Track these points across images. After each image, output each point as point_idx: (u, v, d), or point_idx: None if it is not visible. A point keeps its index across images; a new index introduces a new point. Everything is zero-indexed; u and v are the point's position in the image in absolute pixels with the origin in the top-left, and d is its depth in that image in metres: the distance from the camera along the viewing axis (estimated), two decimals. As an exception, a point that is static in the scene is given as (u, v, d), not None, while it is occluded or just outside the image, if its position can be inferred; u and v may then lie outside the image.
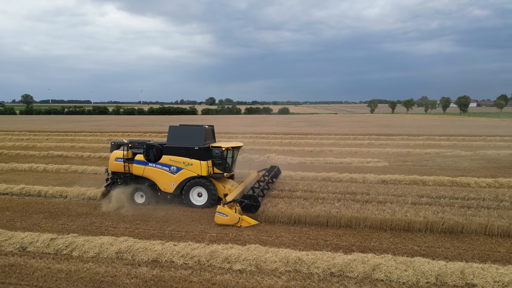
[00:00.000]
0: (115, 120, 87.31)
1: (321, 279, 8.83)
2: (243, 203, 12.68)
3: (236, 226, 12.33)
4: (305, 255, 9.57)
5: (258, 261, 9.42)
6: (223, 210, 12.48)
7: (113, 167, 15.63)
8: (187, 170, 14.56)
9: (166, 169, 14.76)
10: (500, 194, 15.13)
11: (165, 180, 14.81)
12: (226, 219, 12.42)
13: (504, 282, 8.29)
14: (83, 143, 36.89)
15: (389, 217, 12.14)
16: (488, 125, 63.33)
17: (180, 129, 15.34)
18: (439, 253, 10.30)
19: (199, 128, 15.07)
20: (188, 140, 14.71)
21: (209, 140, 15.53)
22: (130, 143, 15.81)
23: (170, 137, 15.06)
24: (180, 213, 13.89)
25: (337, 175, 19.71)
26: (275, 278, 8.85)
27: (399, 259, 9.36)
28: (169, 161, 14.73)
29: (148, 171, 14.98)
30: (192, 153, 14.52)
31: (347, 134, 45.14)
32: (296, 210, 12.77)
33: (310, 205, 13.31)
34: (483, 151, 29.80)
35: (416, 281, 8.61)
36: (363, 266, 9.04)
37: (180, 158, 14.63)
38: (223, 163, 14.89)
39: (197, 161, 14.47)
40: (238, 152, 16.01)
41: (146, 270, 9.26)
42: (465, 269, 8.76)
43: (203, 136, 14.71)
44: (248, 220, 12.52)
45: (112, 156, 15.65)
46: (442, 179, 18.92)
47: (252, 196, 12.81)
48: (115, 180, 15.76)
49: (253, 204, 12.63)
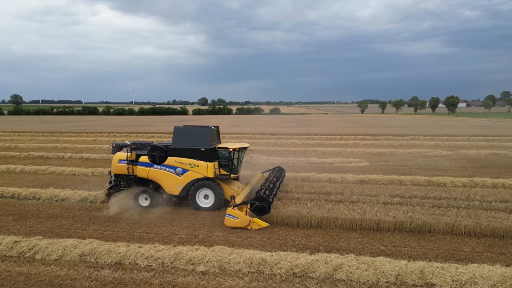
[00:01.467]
0: (103, 120, 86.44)
1: (283, 279, 8.83)
2: (254, 205, 12.34)
3: (247, 228, 12.04)
4: (269, 256, 9.57)
5: (222, 263, 9.39)
6: (233, 213, 12.14)
7: (116, 169, 15.20)
8: (193, 171, 14.22)
9: (171, 171, 14.40)
10: (472, 193, 15.31)
11: (171, 182, 14.45)
12: (236, 221, 12.10)
13: (462, 281, 8.38)
14: (67, 144, 36.46)
15: (359, 217, 12.20)
16: (473, 125, 64.22)
17: (185, 130, 15.01)
18: (404, 252, 10.38)
19: (205, 129, 14.74)
20: (194, 141, 14.41)
21: (215, 141, 15.23)
22: (132, 145, 15.37)
23: (175, 138, 14.68)
24: (152, 215, 13.76)
25: (316, 175, 19.76)
26: (237, 279, 8.83)
27: (362, 259, 9.41)
28: (174, 163, 14.37)
29: (153, 173, 14.61)
30: (198, 154, 14.21)
31: (334, 134, 45.36)
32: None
33: (283, 206, 13.32)
34: (464, 151, 30.18)
35: (376, 280, 8.67)
36: (325, 266, 9.07)
37: (186, 160, 14.29)
38: (229, 164, 14.52)
39: (203, 163, 14.15)
40: (244, 153, 15.71)
41: (108, 273, 9.16)
42: (425, 269, 8.84)
43: (209, 137, 14.41)
44: (259, 223, 12.20)
45: (115, 158, 15.22)
46: (419, 178, 19.10)
47: (263, 198, 12.48)
48: (118, 183, 15.36)
49: (264, 206, 12.28)
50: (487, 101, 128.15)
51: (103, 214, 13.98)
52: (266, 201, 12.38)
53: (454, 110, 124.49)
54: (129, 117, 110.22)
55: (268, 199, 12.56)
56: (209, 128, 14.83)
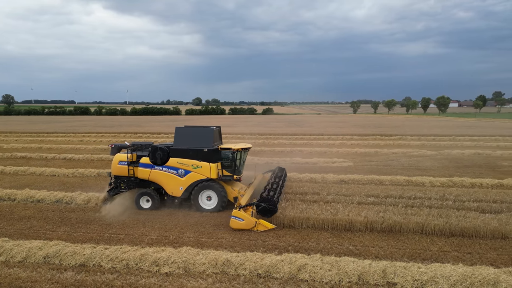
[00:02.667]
0: (93, 120, 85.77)
1: (246, 280, 8.80)
2: (260, 206, 12.18)
3: (253, 230, 11.89)
4: (234, 257, 9.53)
5: (187, 264, 9.33)
6: (239, 214, 11.96)
7: (116, 170, 14.92)
8: (196, 173, 14.00)
9: (173, 172, 14.17)
10: (447, 193, 15.41)
11: (173, 183, 14.21)
12: (242, 223, 11.92)
13: (423, 281, 8.43)
14: (52, 144, 36.11)
15: (331, 217, 12.22)
16: (462, 125, 64.85)
17: (187, 131, 14.80)
18: (371, 252, 10.42)
19: (207, 129, 14.57)
20: (196, 142, 14.19)
21: (217, 141, 15.07)
22: (132, 146, 15.16)
23: (177, 139, 14.47)
24: (126, 216, 13.65)
25: (297, 175, 19.79)
26: (201, 281, 8.79)
27: (327, 259, 9.42)
28: (176, 164, 14.15)
29: (154, 175, 14.35)
30: (201, 155, 14.00)
31: (322, 134, 45.50)
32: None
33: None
34: (448, 150, 30.45)
35: (339, 280, 8.68)
36: (289, 267, 9.06)
37: (188, 161, 14.06)
38: (232, 165, 14.32)
39: (206, 164, 13.94)
40: (247, 154, 15.54)
41: (71, 275, 9.05)
42: (387, 268, 8.87)
43: (211, 137, 14.25)
44: (265, 224, 12.02)
45: (115, 159, 14.96)
46: (399, 178, 19.21)
47: (269, 199, 12.28)
48: (118, 185, 15.09)
49: (270, 207, 12.10)
50: (477, 101, 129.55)
51: (75, 215, 13.84)
52: (272, 202, 12.20)
53: (445, 110, 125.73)
54: (120, 117, 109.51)
55: (274, 200, 12.37)
56: (211, 128, 14.63)
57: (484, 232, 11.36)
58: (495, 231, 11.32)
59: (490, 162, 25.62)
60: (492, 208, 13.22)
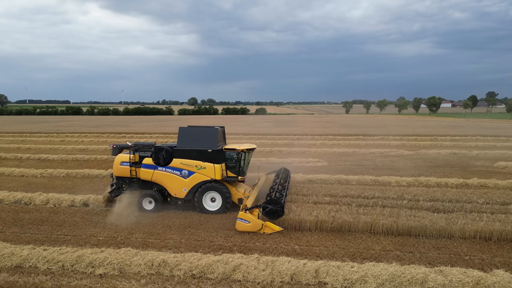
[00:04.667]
0: (82, 120, 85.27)
1: (180, 281, 8.77)
2: (267, 208, 11.94)
3: (259, 233, 11.67)
4: (172, 257, 9.50)
5: (123, 265, 9.28)
6: (245, 217, 11.76)
7: (118, 171, 14.64)
8: (200, 174, 13.78)
9: (177, 173, 13.95)
10: (406, 192, 15.45)
11: (176, 184, 13.99)
12: (249, 225, 11.71)
13: (353, 280, 8.45)
14: (32, 144, 35.80)
15: (282, 216, 12.21)
16: (448, 125, 65.29)
17: (191, 131, 14.63)
18: (314, 251, 10.42)
19: (211, 130, 14.34)
20: (200, 142, 14.00)
21: (221, 142, 14.87)
22: (134, 146, 14.90)
23: (180, 139, 14.24)
24: (80, 217, 13.56)
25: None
26: (134, 282, 8.74)
27: (263, 259, 9.41)
28: (180, 165, 13.93)
29: (157, 176, 14.14)
30: (205, 156, 13.79)
31: (306, 134, 45.55)
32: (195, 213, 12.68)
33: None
34: (426, 150, 30.64)
35: (271, 280, 8.68)
36: (224, 267, 9.04)
37: (192, 161, 13.84)
38: (237, 166, 14.09)
39: (210, 164, 13.73)
40: (251, 155, 15.28)
41: (4, 277, 8.96)
42: (321, 268, 8.88)
43: (216, 137, 14.03)
44: (271, 227, 11.79)
45: (117, 160, 14.70)
46: (366, 178, 19.27)
47: (275, 201, 12.05)
48: (120, 186, 14.79)
49: (277, 209, 11.86)
50: (467, 101, 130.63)
51: (29, 216, 13.71)
52: (279, 204, 11.97)
53: (436, 110, 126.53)
54: (111, 117, 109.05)
55: (281, 202, 12.12)
56: (215, 128, 14.41)
57: (431, 232, 11.42)
58: (441, 231, 11.38)
59: (463, 162, 25.80)
60: (445, 208, 13.28)
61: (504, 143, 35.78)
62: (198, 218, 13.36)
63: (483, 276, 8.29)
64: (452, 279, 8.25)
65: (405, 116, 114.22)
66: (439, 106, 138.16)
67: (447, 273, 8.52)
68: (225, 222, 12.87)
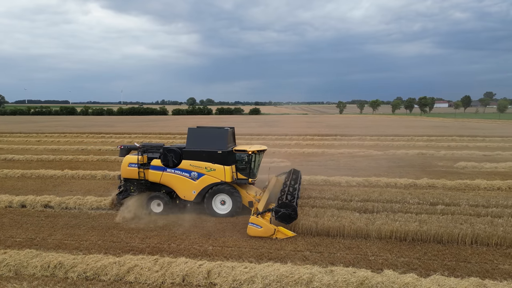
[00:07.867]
0: (71, 121, 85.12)
1: (72, 283, 8.73)
2: (280, 212, 11.45)
3: (271, 238, 11.27)
4: (71, 259, 9.45)
5: (19, 267, 9.24)
6: (257, 221, 11.37)
7: (126, 173, 14.27)
8: (210, 176, 13.46)
9: (186, 175, 13.59)
10: (342, 193, 15.39)
11: (185, 187, 13.65)
12: (260, 230, 11.30)
13: (241, 281, 8.44)
14: (5, 145, 35.66)
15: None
16: (432, 125, 65.29)
17: (200, 132, 14.37)
18: (224, 252, 10.37)
19: (221, 131, 14.07)
20: (210, 144, 13.64)
21: (231, 143, 14.59)
22: (143, 147, 14.62)
23: (189, 141, 13.93)
24: (9, 218, 13.48)
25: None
26: (26, 284, 8.67)
27: (161, 260, 9.38)
28: (189, 167, 13.57)
29: (166, 178, 13.79)
30: (215, 158, 13.45)
31: (286, 134, 45.51)
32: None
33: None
34: (394, 151, 30.61)
35: (162, 281, 8.65)
36: (118, 269, 9.01)
37: (202, 163, 13.50)
38: (247, 168, 13.77)
39: (220, 166, 13.40)
40: (262, 156, 14.85)
41: None
42: (213, 269, 8.86)
43: (226, 139, 13.76)
44: (284, 232, 11.38)
45: (125, 161, 14.36)
46: (317, 178, 19.25)
47: (288, 205, 11.56)
48: (128, 188, 14.41)
49: (291, 213, 11.38)
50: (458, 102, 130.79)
51: None
52: (292, 208, 11.47)
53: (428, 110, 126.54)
54: (102, 117, 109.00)
55: (293, 204, 11.65)
56: (225, 129, 14.17)
57: (348, 232, 11.40)
58: (358, 231, 11.37)
59: (426, 162, 25.78)
60: (373, 208, 13.27)
61: (477, 143, 35.80)
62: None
63: (369, 276, 8.28)
64: (338, 279, 8.24)
65: (396, 116, 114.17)
66: (432, 106, 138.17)
67: (336, 273, 8.50)
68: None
